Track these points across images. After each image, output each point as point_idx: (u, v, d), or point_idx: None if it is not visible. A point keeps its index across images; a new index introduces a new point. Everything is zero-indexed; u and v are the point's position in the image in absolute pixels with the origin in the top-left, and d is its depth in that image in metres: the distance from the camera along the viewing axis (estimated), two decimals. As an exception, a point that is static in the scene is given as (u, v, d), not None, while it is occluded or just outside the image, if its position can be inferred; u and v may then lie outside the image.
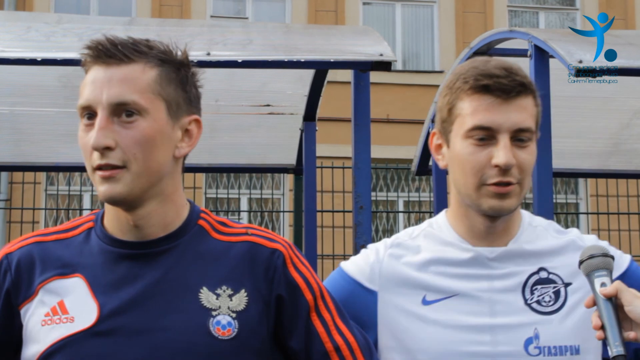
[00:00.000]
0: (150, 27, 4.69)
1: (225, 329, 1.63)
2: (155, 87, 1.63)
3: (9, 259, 1.70)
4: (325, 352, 1.71)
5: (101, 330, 1.61)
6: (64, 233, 1.74)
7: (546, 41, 3.84)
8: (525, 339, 1.76)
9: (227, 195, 10.58)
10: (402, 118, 11.77)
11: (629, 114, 5.69)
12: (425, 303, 1.82)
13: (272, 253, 1.71)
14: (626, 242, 9.41)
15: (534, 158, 1.80)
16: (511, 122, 1.75)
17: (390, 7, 12.88)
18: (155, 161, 1.62)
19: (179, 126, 1.68)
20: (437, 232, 1.89)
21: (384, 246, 1.92)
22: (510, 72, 1.78)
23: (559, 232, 1.90)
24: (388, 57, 3.97)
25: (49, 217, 10.91)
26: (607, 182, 9.58)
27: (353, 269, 1.92)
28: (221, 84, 5.15)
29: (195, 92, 1.73)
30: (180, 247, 1.68)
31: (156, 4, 12.10)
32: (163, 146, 1.64)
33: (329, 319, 1.73)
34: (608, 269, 1.67)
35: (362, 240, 4.01)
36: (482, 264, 1.82)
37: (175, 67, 1.68)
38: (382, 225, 11.47)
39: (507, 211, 1.79)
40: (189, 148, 1.70)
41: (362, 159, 4.06)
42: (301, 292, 1.71)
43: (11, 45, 4.05)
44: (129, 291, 1.63)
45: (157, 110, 1.63)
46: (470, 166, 1.77)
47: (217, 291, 1.65)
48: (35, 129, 5.48)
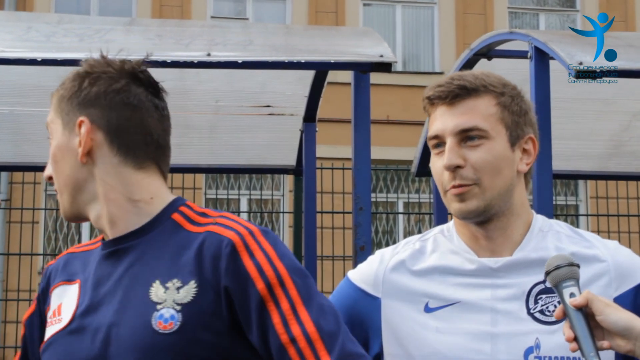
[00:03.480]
0: (151, 28, 4.69)
1: (167, 322, 1.57)
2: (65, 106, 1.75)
3: (48, 270, 1.85)
4: (281, 344, 1.56)
5: (72, 329, 1.67)
6: (92, 245, 1.82)
7: (546, 43, 3.84)
8: (525, 348, 1.75)
9: (227, 196, 10.58)
10: (402, 119, 11.77)
11: (629, 116, 5.68)
12: (427, 310, 1.82)
13: (221, 241, 1.61)
14: (626, 244, 9.34)
15: (492, 156, 1.78)
16: (452, 125, 1.79)
17: (391, 8, 12.88)
18: (85, 171, 1.72)
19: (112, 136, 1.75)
20: (446, 240, 1.89)
21: (390, 252, 1.92)
22: (454, 78, 1.82)
23: (574, 238, 1.86)
24: (388, 58, 3.97)
25: (48, 217, 10.90)
26: (607, 184, 9.57)
27: (357, 277, 1.93)
28: (221, 84, 5.15)
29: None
30: (144, 243, 1.68)
31: (156, 5, 12.10)
32: (84, 157, 1.70)
33: (287, 308, 1.57)
34: (575, 278, 1.64)
35: (362, 241, 4.01)
36: (486, 274, 1.81)
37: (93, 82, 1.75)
38: (382, 227, 11.46)
39: (470, 212, 1.78)
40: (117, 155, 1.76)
41: (362, 160, 4.06)
42: (252, 282, 1.57)
43: (11, 46, 4.05)
44: (102, 289, 1.68)
45: (61, 128, 1.75)
46: (435, 176, 1.83)
47: (167, 284, 1.61)
48: (36, 129, 5.46)
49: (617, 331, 1.59)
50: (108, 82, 1.71)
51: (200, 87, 5.17)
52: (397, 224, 11.50)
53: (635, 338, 1.59)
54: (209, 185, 11.23)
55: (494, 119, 1.79)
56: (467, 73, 1.85)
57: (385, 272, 1.88)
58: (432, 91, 1.83)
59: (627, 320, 1.60)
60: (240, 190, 11.06)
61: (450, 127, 1.79)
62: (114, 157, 1.71)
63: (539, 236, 1.84)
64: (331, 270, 8.42)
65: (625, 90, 5.03)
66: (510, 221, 1.83)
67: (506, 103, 1.82)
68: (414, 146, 5.99)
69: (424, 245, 1.90)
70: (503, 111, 1.81)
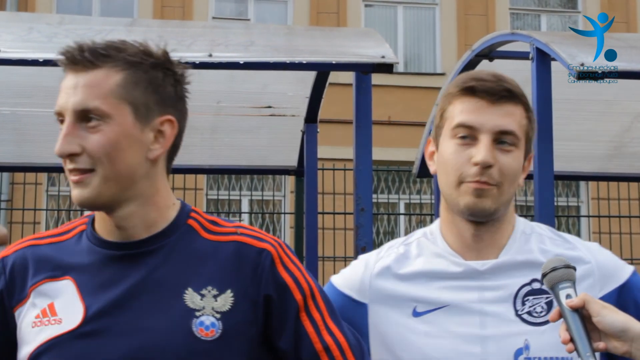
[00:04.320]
0: (152, 29, 4.70)
1: (208, 330, 1.62)
2: (119, 92, 1.63)
3: (4, 262, 1.73)
4: (315, 352, 1.70)
5: (86, 331, 1.62)
6: (58, 237, 1.76)
7: (548, 44, 3.85)
8: (515, 350, 1.76)
9: (228, 197, 10.58)
10: (403, 120, 11.77)
11: (631, 117, 5.69)
12: (415, 315, 1.82)
13: (259, 253, 1.69)
14: (627, 245, 9.40)
15: (517, 165, 1.80)
16: (493, 123, 1.78)
17: (392, 9, 12.88)
18: (123, 164, 1.63)
19: (150, 128, 1.66)
20: (430, 243, 1.89)
21: (374, 257, 1.92)
22: (499, 78, 1.82)
23: (557, 240, 1.88)
24: (390, 59, 3.98)
25: (50, 218, 10.91)
26: (609, 185, 9.56)
27: (342, 283, 1.92)
28: (223, 85, 5.15)
29: (173, 91, 1.69)
30: (167, 248, 1.68)
31: (158, 5, 12.10)
32: (131, 149, 1.63)
33: (319, 319, 1.72)
34: (571, 280, 1.66)
35: (363, 242, 4.01)
36: (473, 276, 1.82)
37: (144, 69, 1.66)
38: (383, 228, 11.46)
39: (481, 211, 1.78)
40: (162, 149, 1.68)
41: (363, 160, 4.06)
42: (290, 292, 1.69)
43: (13, 46, 4.06)
44: (114, 292, 1.64)
45: (122, 114, 1.63)
46: (452, 164, 1.79)
47: (202, 292, 1.64)
48: (37, 130, 5.48)
49: (613, 333, 1.60)
50: (182, 83, 1.72)
51: (201, 88, 5.16)
52: (398, 224, 11.50)
53: (631, 339, 1.60)
54: (210, 186, 11.23)
55: (523, 130, 1.82)
56: (504, 75, 1.85)
57: (372, 278, 1.88)
58: (476, 83, 1.80)
59: (623, 322, 1.61)
60: (241, 191, 11.05)
61: (491, 125, 1.78)
62: (166, 162, 1.72)
63: (522, 239, 1.86)
64: (332, 271, 8.36)
65: (627, 91, 5.03)
66: (502, 226, 1.85)
67: (532, 118, 1.86)
68: (415, 147, 5.99)
69: (407, 249, 1.90)
70: (528, 125, 1.84)
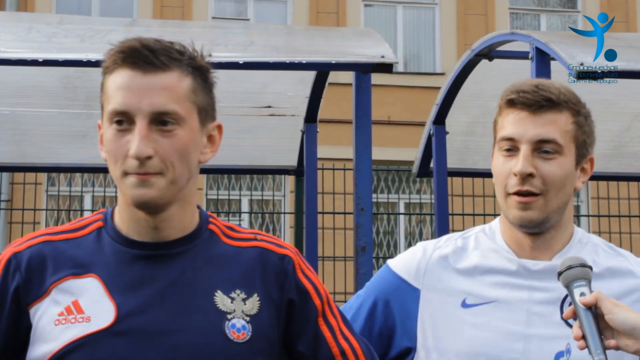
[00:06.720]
0: (152, 28, 4.69)
1: (240, 332, 1.66)
2: (190, 96, 1.66)
3: (17, 257, 1.68)
4: (332, 355, 1.77)
5: (119, 330, 1.61)
6: (72, 232, 1.73)
7: (547, 43, 3.84)
8: (556, 352, 1.80)
9: (228, 197, 10.58)
10: (403, 120, 11.77)
11: (631, 117, 5.68)
12: (464, 306, 1.87)
13: (282, 259, 1.75)
14: (627, 245, 9.40)
15: (562, 172, 1.83)
16: (532, 133, 1.81)
17: (392, 9, 12.88)
18: (187, 168, 1.65)
19: (205, 132, 1.72)
20: (487, 239, 1.94)
21: (433, 246, 1.97)
22: (540, 88, 1.84)
23: (609, 253, 1.93)
24: (389, 59, 3.97)
25: (49, 218, 10.91)
26: (609, 185, 9.57)
27: (399, 266, 1.98)
28: (222, 85, 5.07)
29: (214, 96, 1.77)
30: (194, 250, 1.70)
31: (158, 5, 12.10)
32: (194, 153, 1.68)
33: (335, 324, 1.79)
34: (587, 278, 1.69)
35: (363, 242, 4.01)
36: (524, 275, 1.86)
37: (205, 74, 1.72)
38: (383, 227, 11.46)
39: (529, 222, 1.82)
40: (212, 154, 1.74)
41: (363, 160, 4.06)
42: (310, 297, 1.76)
43: (13, 46, 4.06)
44: (146, 292, 1.64)
45: (192, 119, 1.67)
46: (498, 176, 1.86)
47: (231, 295, 1.68)
48: (37, 130, 5.47)
49: (625, 330, 1.62)
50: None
51: (201, 88, 5.16)
52: (398, 224, 11.50)
53: None
54: (209, 186, 11.23)
55: (569, 136, 1.85)
56: (549, 83, 1.88)
57: (428, 265, 1.93)
58: (516, 95, 1.84)
59: (635, 320, 1.63)
60: (241, 191, 11.05)
61: (530, 135, 1.82)
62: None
63: (578, 247, 1.91)
64: (332, 271, 8.41)
65: (627, 91, 5.03)
66: (558, 234, 1.89)
67: (581, 122, 1.88)
68: (415, 147, 5.99)
69: (466, 242, 1.96)
70: (577, 130, 1.86)
